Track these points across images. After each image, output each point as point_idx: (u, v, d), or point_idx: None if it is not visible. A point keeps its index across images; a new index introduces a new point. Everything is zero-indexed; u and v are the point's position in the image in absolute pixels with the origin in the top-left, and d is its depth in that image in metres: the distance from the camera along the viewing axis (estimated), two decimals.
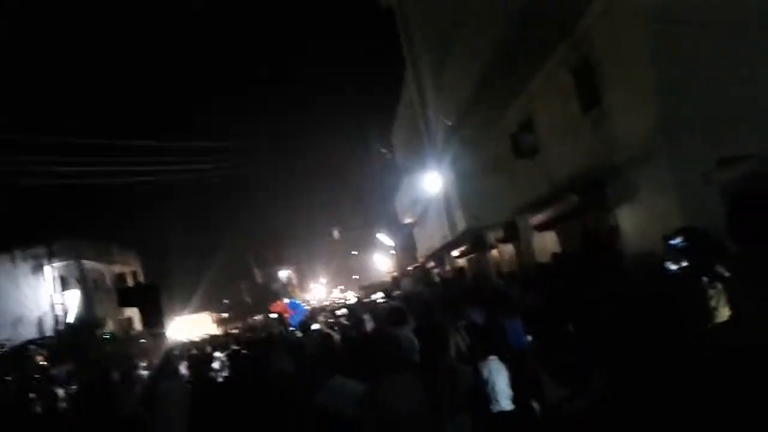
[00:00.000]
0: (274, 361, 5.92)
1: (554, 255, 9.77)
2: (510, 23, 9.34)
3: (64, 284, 31.07)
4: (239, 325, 36.41)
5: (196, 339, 21.90)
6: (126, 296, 5.11)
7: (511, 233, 13.64)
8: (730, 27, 6.76)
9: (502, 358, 5.01)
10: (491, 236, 15.63)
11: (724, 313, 3.72)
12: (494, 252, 16.22)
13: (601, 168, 9.27)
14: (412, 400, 3.27)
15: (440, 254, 20.85)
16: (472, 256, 17.66)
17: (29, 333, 29.47)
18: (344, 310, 11.59)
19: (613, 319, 5.07)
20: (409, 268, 27.96)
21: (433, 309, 7.26)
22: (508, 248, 14.80)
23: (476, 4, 10.83)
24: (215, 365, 8.34)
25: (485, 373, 4.71)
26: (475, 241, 15.98)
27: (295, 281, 65.14)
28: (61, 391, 11.73)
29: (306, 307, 13.65)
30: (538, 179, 12.05)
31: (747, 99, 6.49)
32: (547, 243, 12.15)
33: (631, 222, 8.80)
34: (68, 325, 27.64)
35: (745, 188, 4.15)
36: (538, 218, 11.33)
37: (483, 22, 10.54)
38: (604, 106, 8.93)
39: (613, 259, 8.66)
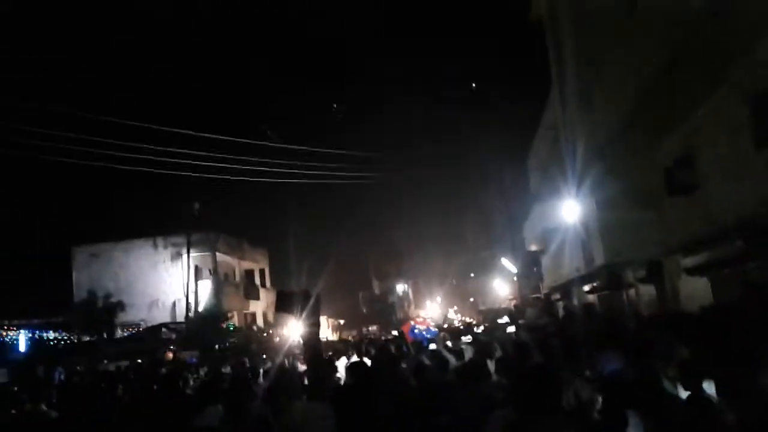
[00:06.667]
0: (398, 375, 5.64)
1: (710, 306, 8.68)
2: (677, 41, 8.46)
3: (198, 274, 32.95)
4: (354, 333, 36.85)
5: None
6: (284, 301, 4.97)
7: (655, 274, 12.46)
8: None
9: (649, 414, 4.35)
10: (630, 275, 14.45)
11: None
12: (631, 292, 14.99)
13: None
14: None
15: (568, 287, 19.72)
16: (605, 293, 16.48)
17: (163, 317, 31.69)
18: (469, 337, 11.05)
19: None
20: (532, 297, 26.89)
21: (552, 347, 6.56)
22: (649, 290, 13.57)
23: (640, 18, 9.98)
24: (338, 373, 8.22)
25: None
26: (611, 277, 14.84)
27: (411, 296, 65.19)
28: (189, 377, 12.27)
29: (423, 330, 13.22)
30: (693, 219, 10.88)
31: None
32: (696, 290, 10.94)
33: None
34: (198, 313, 29.27)
35: None
36: (690, 261, 10.21)
37: (645, 39, 9.69)
38: None
39: None
